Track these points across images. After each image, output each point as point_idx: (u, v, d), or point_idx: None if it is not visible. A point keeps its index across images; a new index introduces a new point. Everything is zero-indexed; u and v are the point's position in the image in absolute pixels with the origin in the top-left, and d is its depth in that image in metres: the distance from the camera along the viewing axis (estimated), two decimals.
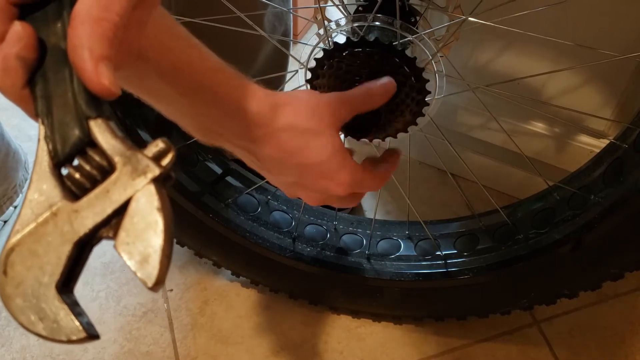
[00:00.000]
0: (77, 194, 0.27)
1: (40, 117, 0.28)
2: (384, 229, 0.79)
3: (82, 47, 0.27)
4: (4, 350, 0.83)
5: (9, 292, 0.26)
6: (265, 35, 0.68)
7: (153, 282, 0.25)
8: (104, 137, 0.27)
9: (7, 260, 0.26)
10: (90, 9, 0.27)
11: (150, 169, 0.26)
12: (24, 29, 0.28)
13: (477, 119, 0.90)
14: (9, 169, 0.95)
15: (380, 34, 0.56)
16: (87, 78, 0.27)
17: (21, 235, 0.27)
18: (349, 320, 0.86)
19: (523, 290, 0.73)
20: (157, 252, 0.25)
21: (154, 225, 0.26)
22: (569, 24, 0.75)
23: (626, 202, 0.59)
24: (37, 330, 0.26)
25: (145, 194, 0.26)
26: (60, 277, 0.26)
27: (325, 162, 0.45)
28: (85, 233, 0.26)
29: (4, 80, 0.28)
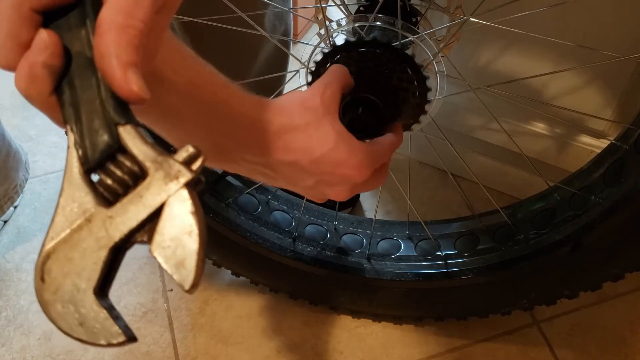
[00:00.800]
0: (109, 200, 0.27)
1: (69, 124, 0.28)
2: (384, 229, 0.79)
3: (109, 55, 0.27)
4: (4, 350, 0.83)
5: (48, 298, 0.27)
6: (266, 34, 0.68)
7: (190, 285, 0.26)
8: (134, 143, 0.27)
9: (44, 267, 0.27)
10: (116, 16, 0.27)
11: (182, 173, 0.27)
12: (50, 36, 0.28)
13: (477, 119, 0.90)
14: (10, 169, 0.95)
15: (381, 34, 0.56)
16: (116, 85, 0.27)
17: (56, 242, 0.27)
18: (349, 320, 0.86)
19: (523, 290, 0.73)
20: (192, 255, 0.26)
21: (188, 229, 0.26)
22: (570, 24, 0.75)
23: (627, 202, 0.59)
24: (77, 334, 0.26)
25: (178, 199, 0.26)
26: (97, 282, 0.26)
27: (333, 149, 0.45)
28: (120, 238, 0.27)
29: (31, 88, 0.28)
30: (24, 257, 0.94)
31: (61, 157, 1.09)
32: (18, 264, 0.93)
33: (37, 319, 0.86)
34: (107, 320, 0.26)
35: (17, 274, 0.92)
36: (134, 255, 0.94)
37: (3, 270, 0.92)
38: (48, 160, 1.09)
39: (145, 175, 0.27)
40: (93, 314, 0.26)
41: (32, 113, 1.18)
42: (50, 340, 0.84)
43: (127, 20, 0.27)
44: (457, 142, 0.72)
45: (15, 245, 0.95)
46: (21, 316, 0.87)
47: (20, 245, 0.95)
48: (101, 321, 0.26)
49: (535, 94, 0.84)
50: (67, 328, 0.26)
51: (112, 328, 0.26)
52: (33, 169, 1.07)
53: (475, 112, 0.90)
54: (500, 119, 0.73)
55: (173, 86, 0.38)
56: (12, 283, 0.91)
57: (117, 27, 0.27)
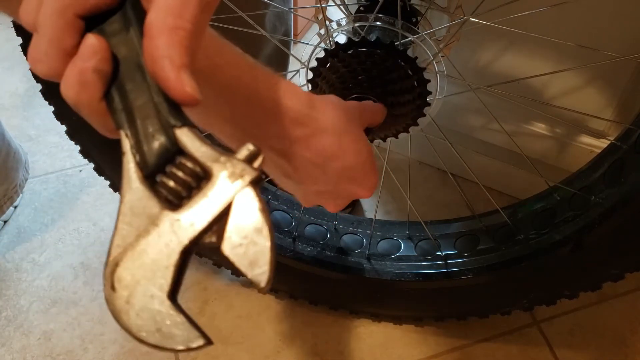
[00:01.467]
0: (174, 202, 0.27)
1: (123, 129, 0.28)
2: (384, 229, 0.79)
3: (162, 58, 0.27)
4: (4, 350, 0.83)
5: (120, 307, 0.26)
6: (267, 34, 0.68)
7: (265, 283, 0.26)
8: (193, 145, 0.27)
9: (114, 276, 0.26)
10: (165, 18, 0.27)
11: (247, 171, 0.27)
12: (98, 41, 0.28)
13: (477, 119, 0.90)
14: (10, 168, 0.95)
15: (381, 34, 0.56)
16: (171, 88, 0.27)
17: (123, 249, 0.27)
18: (349, 320, 0.86)
19: (523, 290, 0.73)
20: (266, 253, 0.26)
21: (259, 227, 0.26)
22: (570, 24, 0.75)
23: (627, 203, 0.59)
24: (154, 341, 0.26)
25: (245, 197, 0.26)
26: (170, 287, 0.26)
27: (360, 166, 0.45)
28: (190, 241, 0.26)
29: (81, 94, 0.28)
30: (24, 257, 0.94)
31: (61, 157, 1.09)
32: (18, 264, 0.93)
33: (37, 319, 0.86)
34: (184, 324, 0.26)
35: (17, 274, 0.92)
36: None
37: (3, 270, 0.92)
38: (48, 160, 1.09)
39: (208, 176, 0.27)
40: (170, 320, 0.26)
41: (32, 113, 1.18)
42: (50, 340, 0.84)
43: (177, 21, 0.27)
44: (457, 142, 0.72)
45: (15, 245, 0.95)
46: (21, 316, 0.87)
47: (20, 245, 0.95)
48: (179, 326, 0.26)
49: (536, 94, 0.84)
50: (143, 335, 0.26)
51: (191, 332, 0.26)
52: (33, 169, 1.06)
53: (475, 112, 0.90)
54: (500, 119, 0.73)
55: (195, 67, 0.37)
56: (12, 283, 0.91)
57: (167, 29, 0.27)
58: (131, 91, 0.28)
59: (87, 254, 0.94)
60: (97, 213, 1.00)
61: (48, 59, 0.28)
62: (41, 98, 0.64)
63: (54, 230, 0.97)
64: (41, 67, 0.28)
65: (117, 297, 0.26)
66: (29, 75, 0.61)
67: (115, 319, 0.26)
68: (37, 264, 0.93)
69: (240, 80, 0.40)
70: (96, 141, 0.69)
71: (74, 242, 0.96)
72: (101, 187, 1.04)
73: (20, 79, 1.25)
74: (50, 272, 0.92)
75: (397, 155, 0.94)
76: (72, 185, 1.04)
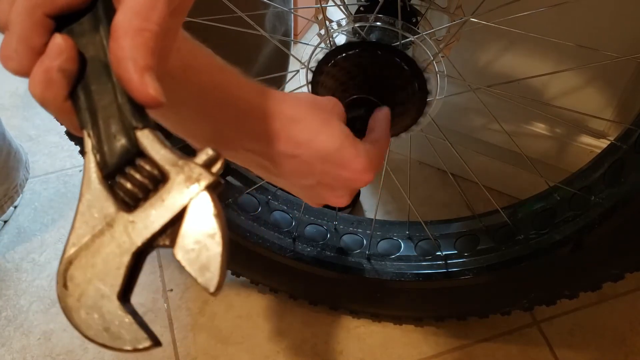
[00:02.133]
0: (130, 204, 0.27)
1: (86, 129, 0.28)
2: (384, 229, 0.79)
3: (126, 59, 0.27)
4: (4, 350, 0.83)
5: (71, 305, 0.26)
6: (267, 35, 0.68)
7: (215, 288, 0.26)
8: (153, 147, 0.27)
9: (67, 274, 0.27)
10: (131, 20, 0.27)
11: (203, 176, 0.27)
12: (65, 41, 0.28)
13: (477, 119, 0.90)
14: (10, 168, 0.95)
15: (381, 35, 0.56)
16: (133, 89, 0.27)
17: (78, 248, 0.27)
18: (349, 320, 0.86)
19: (523, 290, 0.73)
20: (217, 258, 0.26)
21: (212, 232, 0.26)
22: (570, 24, 0.75)
23: (627, 203, 0.59)
24: (102, 340, 0.26)
25: (200, 202, 0.26)
26: (120, 288, 0.26)
27: (339, 149, 0.45)
28: (143, 243, 0.26)
29: (47, 93, 0.28)
30: (24, 257, 0.94)
31: (61, 157, 1.09)
32: (18, 264, 0.93)
33: (37, 319, 0.86)
34: (132, 325, 0.26)
35: (17, 274, 0.92)
36: None
37: (3, 270, 0.92)
38: (48, 160, 1.09)
39: (165, 179, 0.27)
40: (118, 320, 0.26)
41: (32, 113, 1.18)
42: (50, 340, 0.84)
43: (143, 23, 0.27)
44: (457, 142, 0.72)
45: (15, 245, 0.95)
46: (21, 316, 0.87)
47: (20, 245, 0.95)
48: (126, 327, 0.26)
49: (536, 94, 0.84)
50: (91, 334, 0.26)
51: (138, 333, 0.26)
52: (33, 169, 1.06)
53: (475, 112, 0.90)
54: (500, 119, 0.73)
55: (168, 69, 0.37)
56: (12, 283, 0.91)
57: (133, 31, 0.27)
58: (96, 91, 0.28)
59: None
60: None
61: (18, 57, 0.28)
62: None
63: (54, 230, 0.97)
64: (11, 64, 0.28)
65: (69, 295, 0.27)
66: None
67: (66, 316, 0.27)
68: (37, 264, 0.93)
69: (212, 82, 0.41)
70: None
71: None
72: None
73: (20, 79, 1.25)
74: (50, 272, 0.92)
75: (397, 155, 0.94)
76: (72, 185, 1.04)
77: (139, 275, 0.27)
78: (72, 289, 0.27)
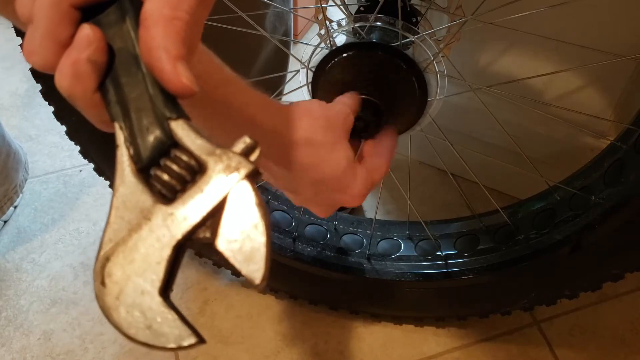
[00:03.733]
0: (167, 196, 0.26)
1: (117, 122, 0.27)
2: (384, 229, 0.79)
3: (157, 48, 0.26)
4: (4, 350, 0.83)
5: (110, 303, 0.25)
6: (267, 35, 0.68)
7: (260, 279, 0.25)
8: (189, 138, 0.26)
9: (104, 271, 0.26)
10: (162, 8, 0.26)
11: (243, 165, 0.26)
12: (93, 32, 0.27)
13: (477, 119, 0.90)
14: (10, 169, 0.95)
15: (381, 35, 0.56)
16: (166, 79, 0.26)
17: (114, 243, 0.26)
18: (349, 320, 0.86)
19: (523, 290, 0.73)
20: (261, 249, 0.25)
21: (255, 222, 0.25)
22: (570, 24, 0.75)
23: (627, 203, 0.59)
24: (144, 339, 0.25)
25: (241, 191, 0.25)
26: (162, 283, 0.25)
27: (340, 176, 0.44)
28: (183, 235, 0.25)
29: (75, 85, 0.27)
30: (24, 257, 0.94)
31: (61, 157, 1.09)
32: (18, 264, 0.93)
33: (37, 319, 0.86)
34: (175, 322, 0.25)
35: (17, 274, 0.92)
36: None
37: (3, 270, 0.92)
38: (48, 160, 1.09)
39: (203, 169, 0.26)
40: (160, 316, 0.25)
41: (32, 113, 1.18)
42: (50, 340, 0.84)
43: (174, 12, 0.26)
44: (457, 142, 0.72)
45: (15, 245, 0.95)
46: (21, 316, 0.87)
47: (20, 245, 0.95)
48: (170, 323, 0.25)
49: (536, 94, 0.84)
50: (132, 333, 0.25)
51: (182, 330, 0.25)
52: (33, 169, 1.06)
53: (475, 112, 0.90)
54: (500, 119, 0.73)
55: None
56: (12, 283, 0.90)
57: (164, 20, 0.26)
58: (126, 83, 0.28)
59: (87, 254, 0.94)
60: (97, 213, 1.00)
61: (43, 51, 0.27)
62: (41, 98, 0.64)
63: (54, 230, 0.97)
64: (36, 59, 0.27)
65: (107, 293, 0.25)
66: (29, 75, 0.60)
67: (105, 315, 0.25)
68: (37, 264, 0.93)
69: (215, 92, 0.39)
70: (96, 141, 0.69)
71: (74, 242, 0.96)
72: (101, 187, 1.04)
73: (20, 79, 1.25)
74: (50, 272, 0.92)
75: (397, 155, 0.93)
76: (72, 185, 1.04)
77: (178, 269, 0.26)
78: (111, 287, 0.25)
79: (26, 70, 0.60)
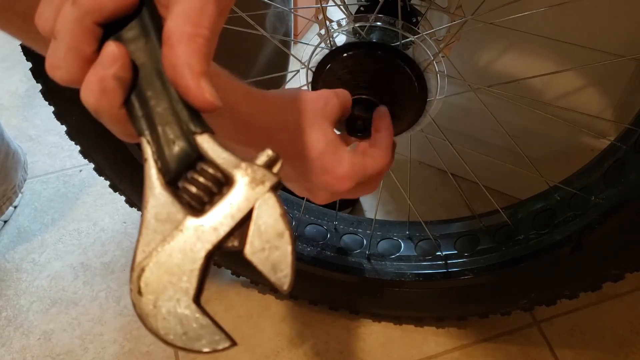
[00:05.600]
0: (196, 208, 0.28)
1: (144, 136, 0.28)
2: (384, 229, 0.79)
3: (181, 66, 0.27)
4: (4, 350, 0.83)
5: (148, 311, 0.27)
6: (267, 35, 0.68)
7: (288, 286, 0.27)
8: (214, 151, 0.28)
9: (140, 281, 0.27)
10: (184, 26, 0.27)
11: (267, 177, 0.27)
12: (119, 49, 0.28)
13: (477, 119, 0.90)
14: (9, 169, 0.95)
15: (381, 35, 0.56)
16: (191, 95, 0.27)
17: (148, 254, 0.27)
18: (349, 320, 0.86)
19: (523, 290, 0.73)
20: (287, 257, 0.27)
21: (280, 232, 0.27)
22: (570, 24, 0.75)
23: (627, 203, 0.59)
24: (181, 344, 0.26)
25: (266, 202, 0.27)
26: (195, 291, 0.27)
27: (320, 156, 0.45)
28: (214, 245, 0.27)
29: (101, 101, 0.28)
30: (24, 257, 0.94)
31: (61, 157, 1.09)
32: (18, 264, 0.93)
33: (37, 319, 0.86)
34: (210, 327, 0.26)
35: (17, 274, 0.92)
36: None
37: (3, 270, 0.92)
38: (48, 160, 1.09)
39: (229, 182, 0.27)
40: (196, 323, 0.26)
41: (32, 113, 1.18)
42: (50, 340, 0.84)
43: (195, 29, 0.27)
44: (457, 142, 0.72)
45: (15, 245, 0.95)
46: (21, 316, 0.87)
47: (20, 245, 0.95)
48: (205, 329, 0.26)
49: (536, 94, 0.84)
50: (170, 339, 0.26)
51: (217, 334, 0.26)
52: (33, 169, 1.06)
53: (475, 112, 0.90)
54: (500, 119, 0.73)
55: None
56: (12, 283, 0.91)
57: (186, 37, 0.27)
58: (151, 98, 0.29)
59: (87, 254, 0.94)
60: (97, 213, 1.00)
61: (67, 66, 0.28)
62: (41, 98, 0.64)
63: (54, 230, 0.97)
64: (60, 73, 0.28)
65: (144, 302, 0.27)
66: (29, 75, 0.60)
67: (143, 322, 0.27)
68: (37, 264, 0.93)
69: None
70: (96, 141, 0.69)
71: (74, 242, 0.96)
72: (101, 187, 1.04)
73: (20, 79, 1.25)
74: (50, 272, 0.92)
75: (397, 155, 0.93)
76: (72, 185, 1.04)
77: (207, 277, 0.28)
78: (147, 295, 0.27)
79: (26, 70, 0.60)
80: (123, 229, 0.98)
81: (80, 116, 0.64)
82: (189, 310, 0.26)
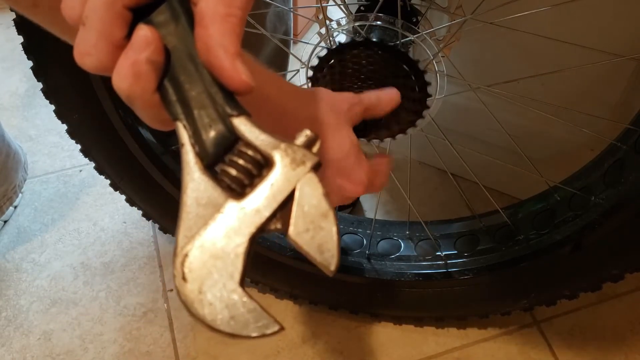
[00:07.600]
0: (236, 190, 0.27)
1: (180, 121, 0.28)
2: (384, 229, 0.79)
3: (216, 46, 0.26)
4: (4, 350, 0.83)
5: (193, 297, 0.26)
6: (267, 34, 0.68)
7: (334, 267, 0.26)
8: (252, 133, 0.27)
9: (184, 266, 0.26)
10: (216, 6, 0.27)
11: (308, 157, 0.27)
12: (151, 32, 0.27)
13: (477, 119, 0.90)
14: (9, 169, 0.95)
15: (381, 34, 0.56)
16: (226, 76, 0.27)
17: (191, 239, 0.27)
18: (349, 320, 0.86)
19: (523, 290, 0.73)
20: (333, 237, 0.26)
21: (324, 212, 0.26)
22: (570, 24, 0.75)
23: (627, 203, 0.59)
24: (229, 329, 0.26)
25: (308, 183, 0.27)
26: (241, 275, 0.26)
27: (343, 158, 0.44)
28: (257, 228, 0.26)
29: (135, 86, 0.27)
30: (24, 257, 0.94)
31: (61, 157, 1.09)
32: (18, 264, 0.93)
33: (37, 319, 0.86)
34: (257, 310, 0.26)
35: (17, 274, 0.92)
36: (134, 255, 0.94)
37: (3, 270, 0.92)
38: (48, 160, 1.09)
39: (269, 163, 0.27)
40: (243, 307, 0.26)
41: (32, 113, 1.18)
42: (50, 340, 0.84)
43: (228, 9, 0.27)
44: (457, 142, 0.72)
45: (15, 245, 0.95)
46: (21, 316, 0.87)
47: (20, 245, 0.95)
48: (253, 313, 0.26)
49: (536, 93, 0.84)
50: (218, 324, 0.25)
51: (265, 318, 0.26)
52: (33, 169, 1.06)
53: (475, 112, 0.90)
54: (500, 119, 0.73)
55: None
56: (12, 283, 0.90)
57: (220, 18, 0.27)
58: (185, 82, 0.28)
59: (87, 254, 0.94)
60: (97, 213, 1.00)
61: (97, 52, 0.27)
62: (41, 98, 0.64)
63: (54, 230, 0.97)
64: (90, 60, 0.28)
65: (189, 288, 0.26)
66: (29, 75, 0.60)
67: (188, 309, 0.26)
68: (37, 264, 0.93)
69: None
70: (97, 140, 0.69)
71: (74, 242, 0.96)
72: (101, 187, 1.04)
73: (20, 79, 1.25)
74: (50, 272, 0.92)
75: (397, 155, 0.94)
76: (72, 185, 1.04)
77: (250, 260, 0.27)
78: (192, 281, 0.26)
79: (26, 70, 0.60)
80: (123, 229, 0.98)
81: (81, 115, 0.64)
82: (236, 295, 0.26)
